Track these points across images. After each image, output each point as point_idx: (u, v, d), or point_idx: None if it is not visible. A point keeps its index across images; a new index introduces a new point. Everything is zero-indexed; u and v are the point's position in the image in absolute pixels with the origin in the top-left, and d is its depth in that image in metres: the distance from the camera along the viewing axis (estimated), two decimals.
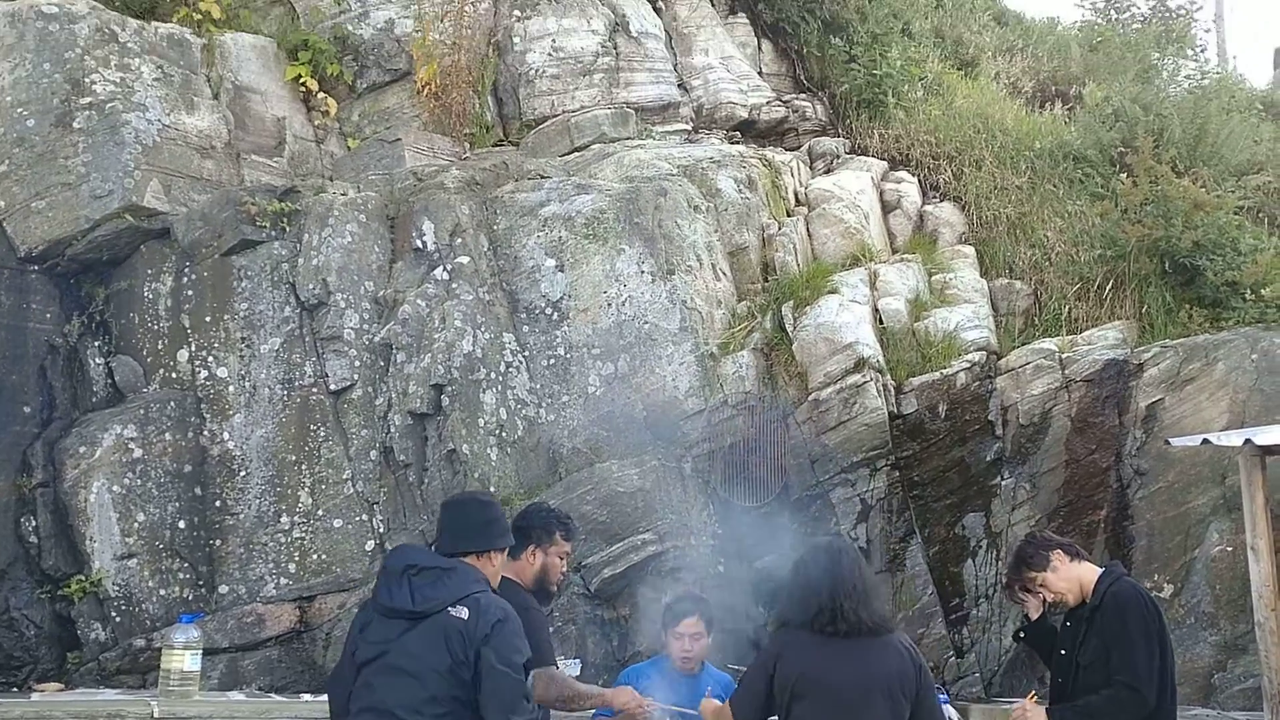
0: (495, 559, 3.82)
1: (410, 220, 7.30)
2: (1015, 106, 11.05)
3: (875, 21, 10.99)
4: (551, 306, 7.28)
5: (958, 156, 9.97)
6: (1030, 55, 12.66)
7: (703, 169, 8.40)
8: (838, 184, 9.35)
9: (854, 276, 8.24)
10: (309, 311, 6.91)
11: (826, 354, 7.43)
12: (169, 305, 6.85)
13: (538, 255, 7.37)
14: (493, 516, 3.89)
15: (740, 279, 8.19)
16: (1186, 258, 7.97)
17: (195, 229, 6.89)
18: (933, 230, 9.64)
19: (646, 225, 7.45)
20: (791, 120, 10.77)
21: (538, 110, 9.17)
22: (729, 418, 7.25)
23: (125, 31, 7.07)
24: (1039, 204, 9.31)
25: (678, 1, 10.52)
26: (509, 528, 4.02)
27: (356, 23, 8.61)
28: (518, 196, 7.63)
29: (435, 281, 7.12)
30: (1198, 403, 7.37)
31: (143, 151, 6.86)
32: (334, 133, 8.37)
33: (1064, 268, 8.69)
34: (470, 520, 3.84)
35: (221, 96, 7.56)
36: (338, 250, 6.99)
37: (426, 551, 3.95)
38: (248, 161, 7.56)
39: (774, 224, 8.58)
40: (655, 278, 7.33)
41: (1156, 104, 9.76)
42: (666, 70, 10.01)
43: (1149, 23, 15.36)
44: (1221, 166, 9.08)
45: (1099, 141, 9.57)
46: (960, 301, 8.44)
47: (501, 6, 9.31)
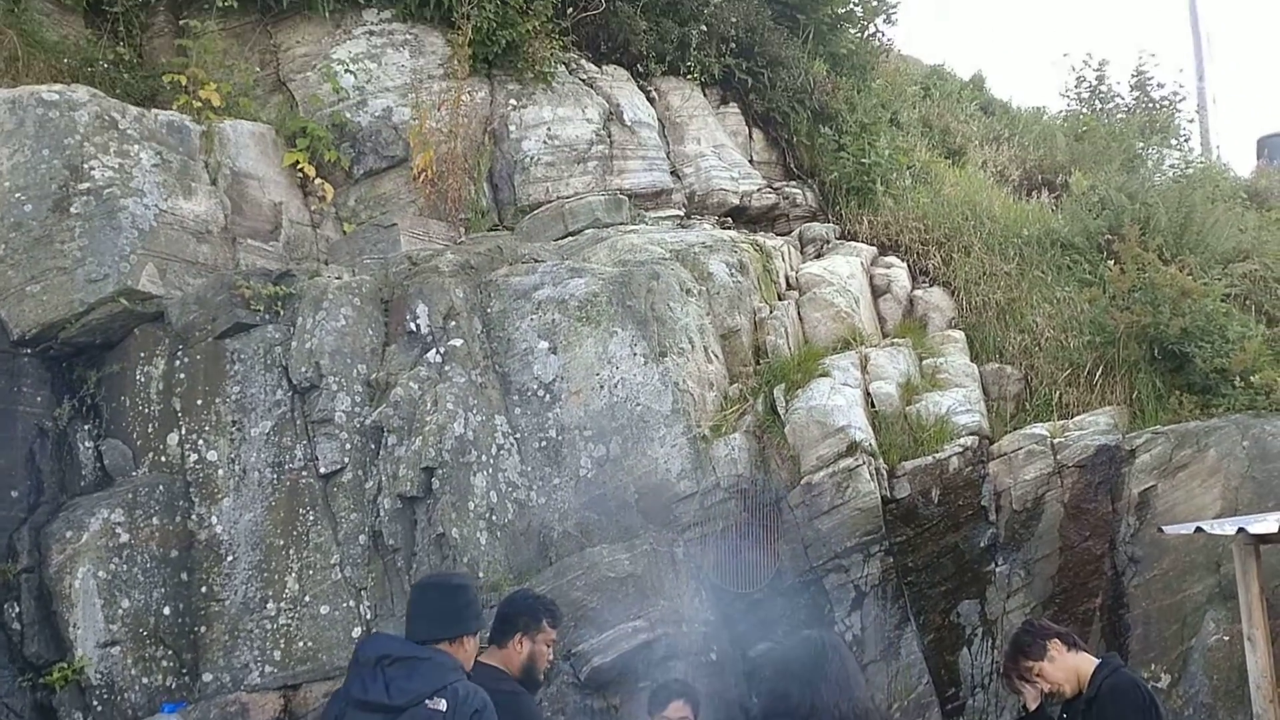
0: (469, 643, 3.78)
1: (404, 304, 7.34)
2: (1003, 194, 11.25)
3: (864, 112, 11.22)
4: (544, 389, 7.28)
5: (947, 242, 10.10)
6: (1017, 144, 12.92)
7: (695, 253, 8.48)
8: (828, 269, 9.45)
9: (845, 360, 8.27)
10: (301, 395, 6.90)
11: (819, 437, 7.42)
12: (160, 389, 6.85)
13: (531, 338, 7.39)
14: (466, 600, 3.86)
15: (732, 362, 8.22)
16: (1175, 344, 8.02)
17: (189, 312, 6.91)
18: (923, 315, 9.72)
19: (639, 308, 7.50)
20: (782, 206, 10.94)
21: (533, 196, 9.29)
22: (721, 501, 7.22)
23: (125, 119, 7.16)
24: (1028, 290, 9.41)
25: (670, 92, 10.74)
26: (481, 610, 3.99)
27: (354, 110, 8.74)
28: (512, 280, 7.69)
29: (428, 364, 7.14)
30: (1190, 489, 7.36)
31: (139, 236, 6.90)
32: (330, 217, 8.46)
33: (1054, 353, 8.75)
34: (442, 605, 3.81)
35: (219, 182, 7.64)
36: (331, 333, 7.01)
37: (399, 640, 3.88)
38: (244, 246, 7.61)
39: (765, 307, 8.65)
40: (648, 360, 7.36)
41: (1142, 193, 9.92)
42: (659, 158, 10.18)
43: (1133, 113, 15.70)
44: (1208, 254, 9.19)
45: (1086, 229, 9.71)
46: (951, 385, 8.47)
47: (498, 95, 9.48)
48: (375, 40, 9.04)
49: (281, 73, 8.93)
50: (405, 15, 9.12)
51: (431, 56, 9.18)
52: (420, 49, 9.16)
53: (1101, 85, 16.51)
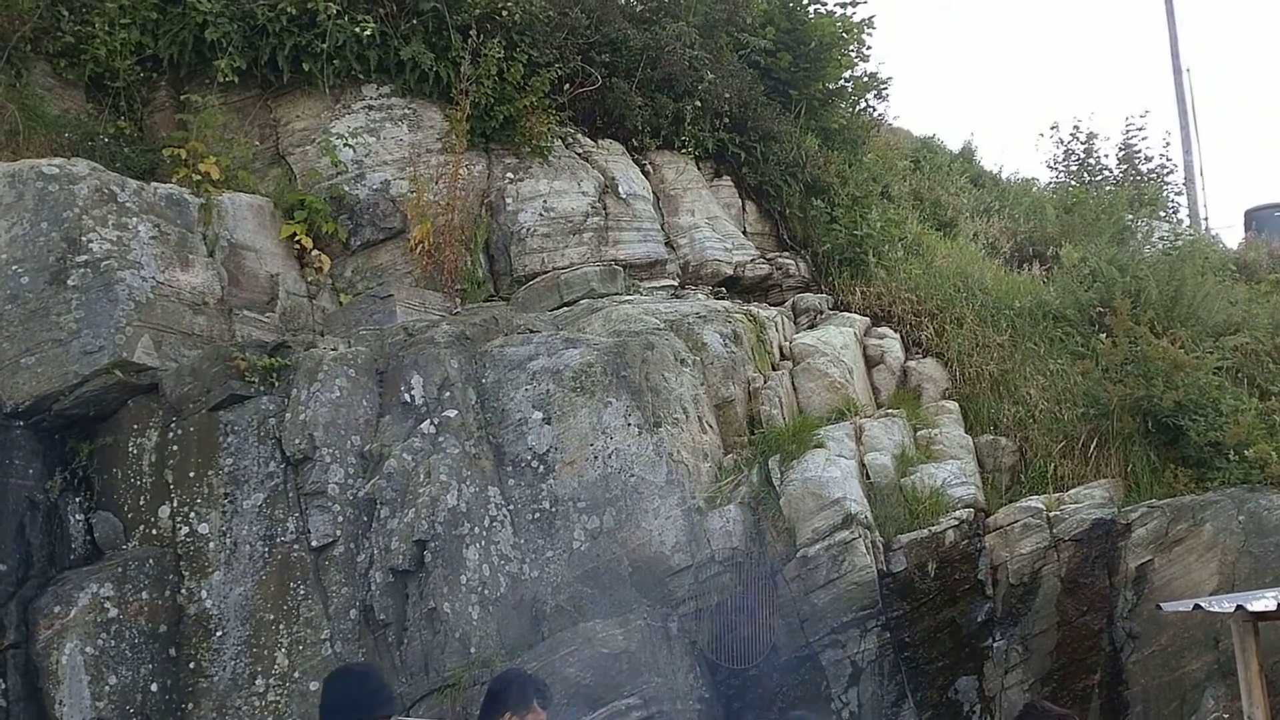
0: None
1: (399, 374, 7.35)
2: (994, 266, 11.34)
3: (855, 185, 11.37)
4: (538, 459, 7.27)
5: (939, 314, 10.16)
6: (1007, 216, 13.06)
7: (689, 323, 8.52)
8: (821, 339, 9.49)
9: (840, 431, 8.27)
10: (294, 467, 6.88)
11: (814, 509, 7.40)
12: (153, 461, 6.84)
13: (525, 408, 7.39)
14: (376, 684, 3.93)
15: (726, 432, 8.22)
16: (1169, 418, 8.04)
17: (184, 384, 6.92)
18: (916, 385, 9.74)
19: (633, 378, 7.51)
20: (775, 277, 11.01)
21: (528, 267, 9.35)
22: (716, 574, 7.17)
23: (124, 192, 7.23)
24: (1021, 361, 9.45)
25: (665, 165, 10.87)
26: (392, 695, 4.02)
27: (353, 183, 8.83)
28: (507, 350, 7.71)
29: (422, 435, 7.13)
30: (1187, 564, 7.33)
31: (135, 308, 6.94)
32: (326, 288, 8.50)
33: (1048, 425, 8.76)
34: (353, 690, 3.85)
35: (217, 254, 7.69)
36: (326, 405, 7.01)
37: None
38: (240, 317, 7.65)
39: (759, 378, 8.66)
40: (642, 430, 7.35)
41: (1132, 266, 10.01)
42: (654, 229, 10.27)
43: (1121, 184, 15.90)
44: (1199, 327, 9.25)
45: (1077, 301, 9.78)
46: (946, 457, 8.47)
47: (495, 169, 9.59)
48: (374, 115, 9.16)
49: (281, 146, 9.03)
50: (404, 90, 9.25)
51: (430, 131, 9.30)
52: (419, 123, 9.28)
53: (1090, 158, 16.75)
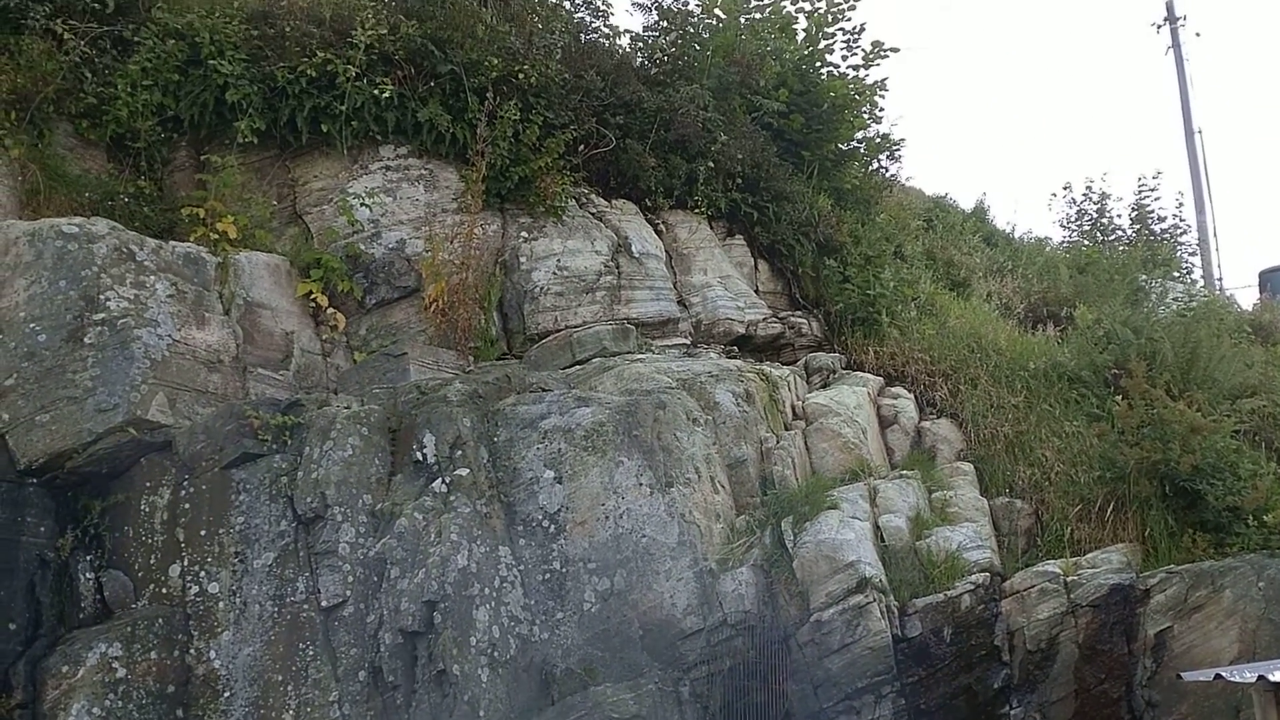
0: None
1: (412, 433, 7.34)
2: (1008, 326, 11.33)
3: (868, 244, 11.42)
4: (549, 519, 7.23)
5: (953, 374, 10.14)
6: (1020, 276, 13.07)
7: (701, 382, 8.52)
8: (835, 399, 9.46)
9: (853, 492, 8.22)
10: (305, 525, 6.85)
11: (828, 573, 7.32)
12: (165, 519, 6.81)
13: (537, 467, 7.37)
14: None
15: (739, 492, 8.17)
16: (1186, 481, 7.98)
17: (197, 442, 6.92)
18: (931, 446, 9.70)
19: (645, 438, 7.49)
20: (788, 336, 11.02)
21: (541, 325, 9.38)
22: (728, 638, 7.09)
23: (143, 250, 7.30)
24: (1036, 423, 9.41)
25: (678, 224, 10.94)
26: None
27: (369, 242, 8.90)
28: (519, 409, 7.70)
29: (433, 494, 7.10)
30: (1207, 631, 7.23)
31: (151, 366, 6.97)
32: (341, 346, 8.53)
33: (1064, 488, 8.70)
34: None
35: (233, 312, 7.74)
36: (338, 463, 6.99)
37: None
38: (254, 375, 7.67)
39: (772, 437, 8.63)
40: (654, 490, 7.32)
41: (1147, 327, 10.00)
42: (666, 288, 10.31)
43: (1135, 245, 15.92)
44: (1215, 390, 9.21)
45: (1092, 363, 9.76)
46: (962, 520, 8.40)
47: (510, 228, 9.66)
48: (391, 175, 9.25)
49: (298, 205, 9.12)
50: (421, 151, 9.36)
51: (446, 191, 9.39)
52: (435, 183, 9.38)
53: (1103, 218, 16.80)
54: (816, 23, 13.02)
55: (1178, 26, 23.49)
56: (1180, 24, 23.51)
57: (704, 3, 12.63)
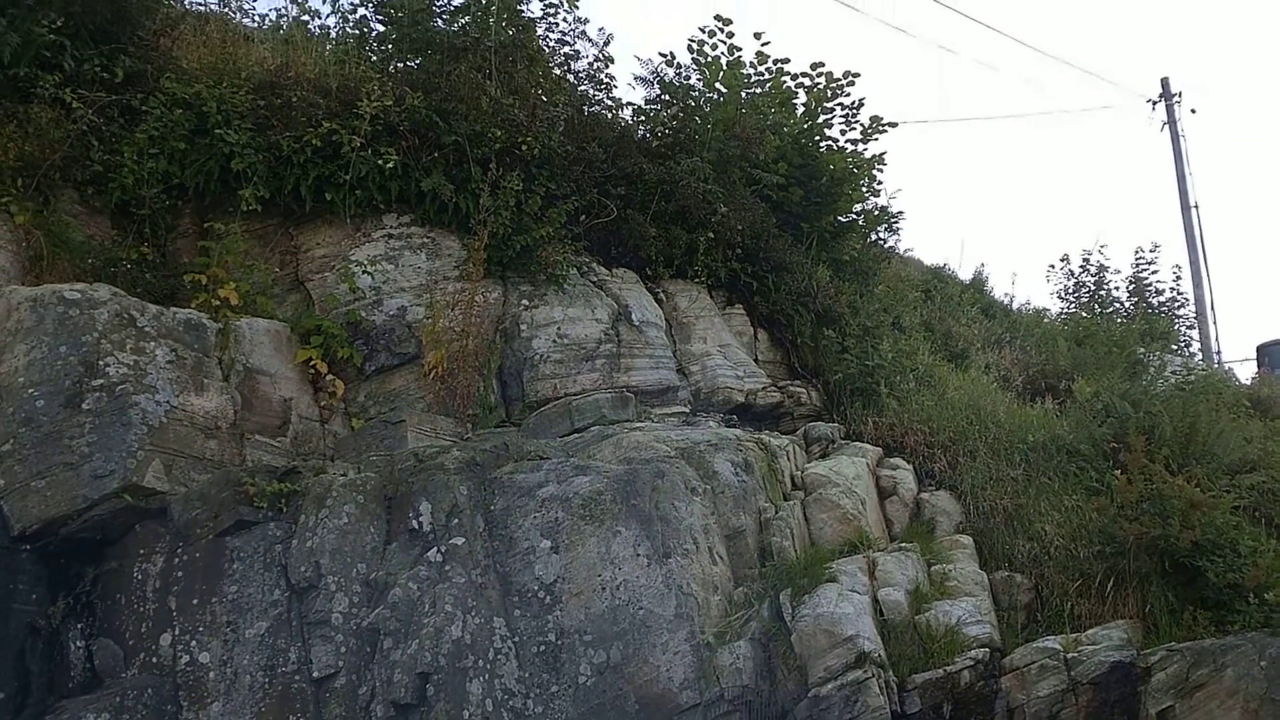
0: None
1: (408, 501, 7.31)
2: (1007, 398, 11.34)
3: (867, 315, 11.49)
4: (544, 590, 7.16)
5: (952, 446, 10.13)
6: (1019, 348, 13.11)
7: (700, 451, 8.50)
8: (834, 469, 9.44)
9: (852, 564, 8.15)
10: (298, 595, 6.80)
11: (826, 647, 7.23)
12: (157, 587, 6.76)
13: (533, 536, 7.32)
14: None
15: (737, 563, 8.11)
16: (1186, 558, 7.93)
17: (193, 509, 6.89)
18: (930, 518, 9.65)
19: (643, 507, 7.45)
20: (787, 405, 11.03)
21: (540, 392, 9.38)
22: (725, 713, 6.98)
23: (144, 316, 7.33)
24: (1035, 496, 9.37)
25: (678, 293, 11.01)
26: None
27: (370, 309, 8.95)
28: (516, 477, 7.68)
29: (428, 564, 7.05)
30: (1209, 710, 7.13)
31: (148, 432, 6.96)
32: (339, 413, 8.53)
33: (1064, 562, 8.64)
34: None
35: (232, 378, 7.75)
36: (333, 532, 6.96)
37: None
38: (251, 441, 7.66)
39: (771, 507, 8.59)
40: (651, 561, 7.26)
41: (1145, 401, 10.01)
42: (666, 356, 10.34)
43: (1133, 318, 16.00)
44: (1214, 465, 9.19)
45: (1091, 437, 9.75)
46: (961, 594, 8.32)
47: (511, 296, 9.72)
48: (394, 243, 9.34)
49: (300, 272, 9.19)
50: (424, 220, 9.45)
51: (448, 259, 9.46)
52: (437, 251, 9.46)
53: (1101, 290, 16.91)
54: (816, 98, 13.24)
55: (1173, 103, 23.84)
56: (1176, 100, 23.87)
57: (705, 78, 12.85)
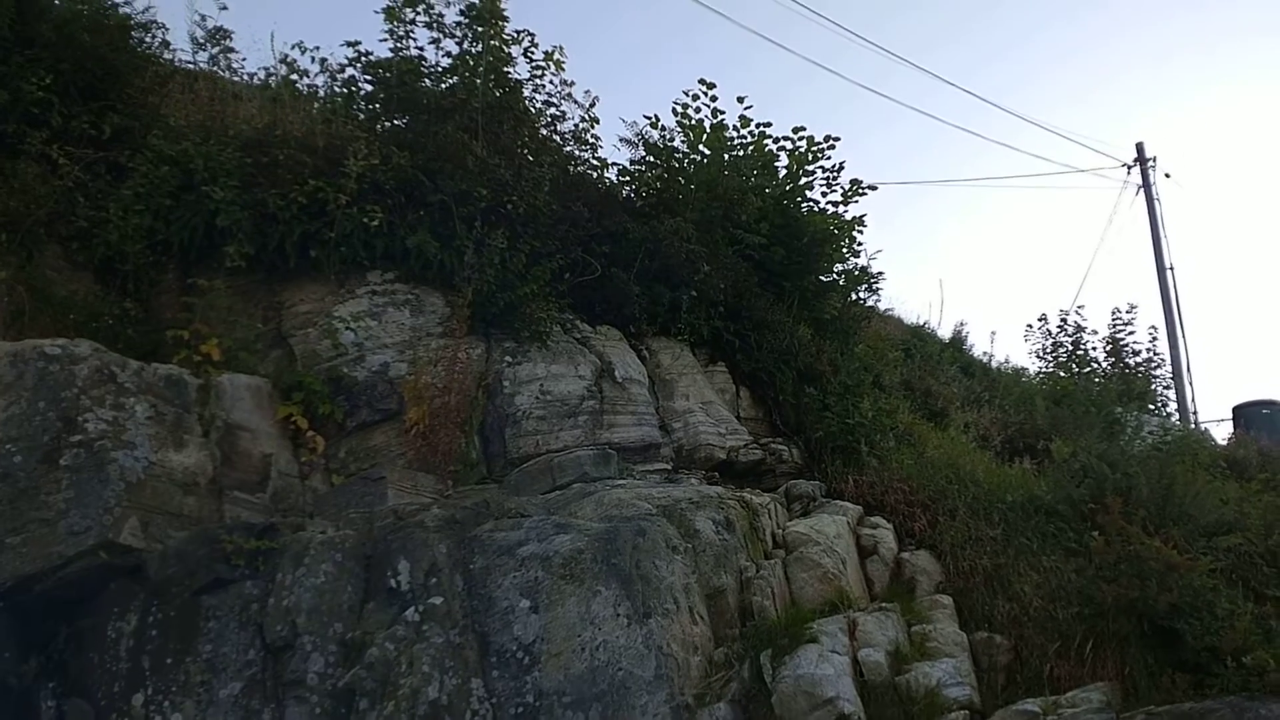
0: None
1: (386, 559, 7.27)
2: (986, 458, 11.40)
3: (847, 373, 11.58)
4: (523, 650, 7.10)
5: (932, 505, 10.16)
6: (998, 407, 13.20)
7: (682, 509, 8.50)
8: (815, 527, 9.44)
9: (833, 624, 8.13)
10: (274, 654, 6.72)
11: (807, 709, 7.19)
12: (130, 645, 6.67)
13: (512, 596, 7.28)
14: None
15: (718, 623, 8.07)
16: (1164, 620, 7.93)
17: (169, 566, 6.83)
18: (910, 578, 9.64)
19: (624, 566, 7.43)
20: (769, 462, 11.07)
21: (523, 449, 9.39)
22: None
23: (125, 372, 7.32)
24: (1014, 556, 9.38)
25: (661, 350, 11.08)
26: None
27: (352, 365, 8.96)
28: (496, 535, 7.65)
29: (406, 623, 7.00)
30: None
31: (126, 489, 6.92)
32: (320, 469, 8.52)
33: (1043, 623, 8.61)
34: None
35: (212, 434, 7.73)
36: (310, 590, 6.91)
37: None
38: (230, 497, 7.63)
39: (752, 566, 8.58)
40: (631, 621, 7.22)
41: (1122, 462, 10.06)
42: (649, 413, 10.37)
43: (1110, 378, 16.15)
44: (1191, 526, 9.22)
45: (1069, 497, 9.78)
46: (941, 655, 8.29)
47: (494, 352, 9.76)
48: (378, 299, 9.38)
49: (283, 328, 9.20)
50: (409, 277, 9.51)
51: (432, 315, 9.51)
52: (421, 308, 9.50)
53: (1078, 349, 17.07)
54: (797, 160, 13.45)
55: (1149, 167, 24.26)
56: (1151, 165, 24.30)
57: (689, 140, 13.06)
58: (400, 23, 10.58)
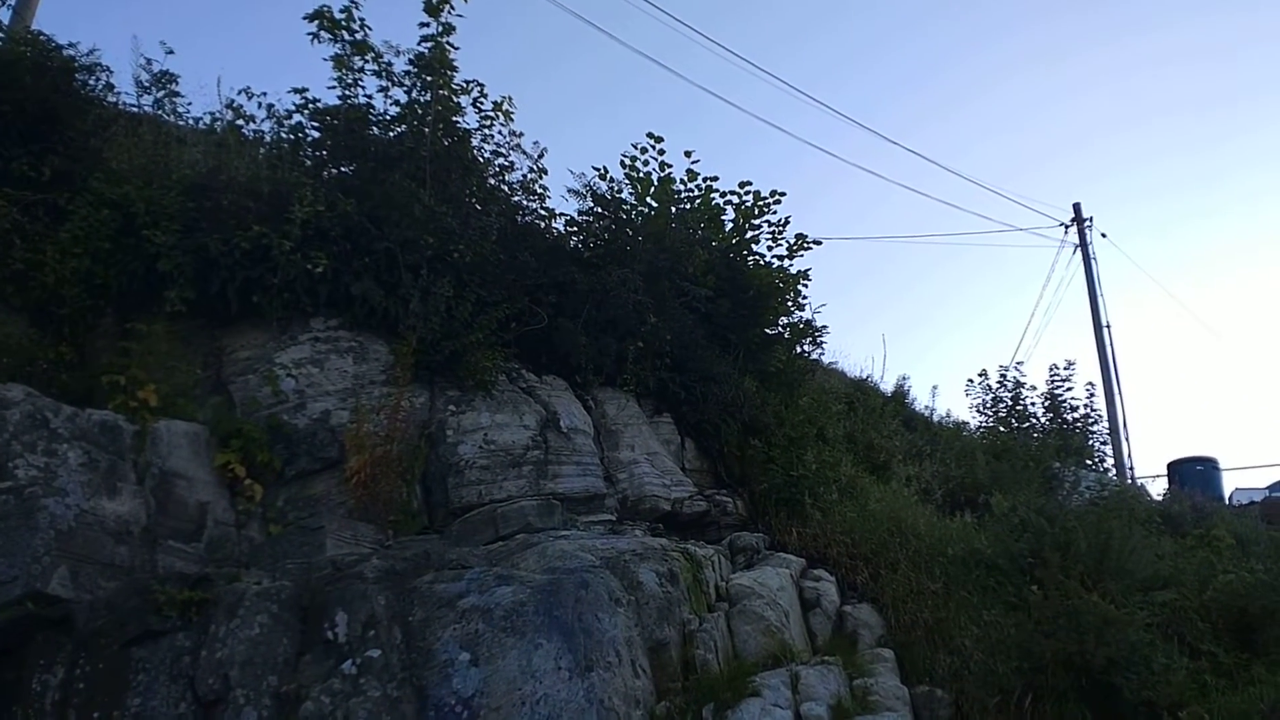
0: None
1: (324, 611, 7.12)
2: (927, 511, 11.49)
3: (791, 426, 11.65)
4: (462, 704, 6.97)
5: (874, 558, 10.21)
6: (939, 460, 13.34)
7: (625, 561, 8.45)
8: (758, 580, 9.44)
9: (775, 678, 8.11)
10: (205, 708, 6.53)
11: None
12: (56, 699, 6.44)
13: (452, 649, 7.16)
14: None
15: (660, 676, 8.01)
16: (1102, 674, 8.01)
17: (98, 618, 6.64)
18: (852, 630, 9.66)
19: (566, 619, 7.35)
20: (713, 514, 11.07)
21: (465, 499, 9.29)
22: None
23: (58, 418, 7.16)
24: (955, 610, 9.44)
25: (607, 401, 11.06)
26: None
27: (292, 413, 8.83)
28: (436, 587, 7.54)
29: (342, 676, 6.84)
30: None
31: (56, 537, 6.73)
32: (257, 518, 8.34)
33: (983, 677, 8.67)
34: None
35: (147, 481, 7.56)
36: (244, 642, 6.74)
37: None
38: (164, 546, 7.44)
39: (695, 619, 8.55)
40: (572, 675, 7.13)
41: (1061, 516, 10.20)
42: (593, 463, 10.33)
43: (1048, 433, 16.41)
44: (1128, 581, 9.36)
45: (1009, 551, 9.90)
46: (883, 709, 8.29)
47: (438, 401, 9.68)
48: (320, 346, 9.27)
49: (223, 374, 9.06)
50: (352, 324, 9.42)
51: (375, 363, 9.41)
52: (364, 355, 9.41)
53: (1017, 405, 17.34)
54: (743, 215, 13.63)
55: (1085, 227, 24.88)
56: (1088, 225, 24.93)
57: (637, 192, 13.17)
58: (349, 70, 10.58)
